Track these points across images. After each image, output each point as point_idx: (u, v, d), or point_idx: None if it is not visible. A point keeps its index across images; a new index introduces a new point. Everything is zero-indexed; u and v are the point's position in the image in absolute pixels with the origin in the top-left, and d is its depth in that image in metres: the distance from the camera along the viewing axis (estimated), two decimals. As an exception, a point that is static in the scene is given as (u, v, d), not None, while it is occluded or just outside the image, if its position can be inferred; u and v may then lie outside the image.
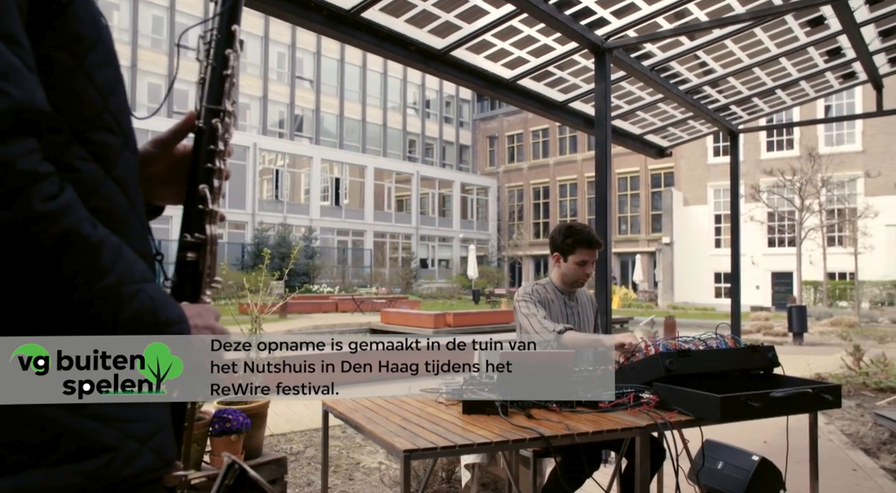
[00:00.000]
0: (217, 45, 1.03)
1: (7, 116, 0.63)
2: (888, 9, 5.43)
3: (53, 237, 0.66)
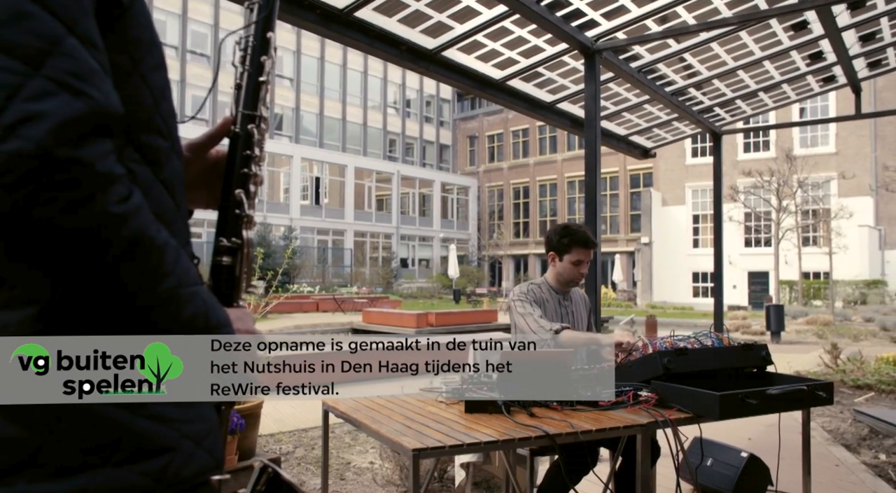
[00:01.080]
0: (253, 51, 1.03)
1: (88, 119, 0.64)
2: (868, 14, 5.55)
3: (125, 239, 0.66)
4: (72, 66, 0.64)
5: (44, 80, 0.62)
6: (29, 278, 0.66)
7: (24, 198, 0.60)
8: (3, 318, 0.68)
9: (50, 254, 0.63)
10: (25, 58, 0.62)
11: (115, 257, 0.66)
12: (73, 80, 0.64)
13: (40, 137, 0.60)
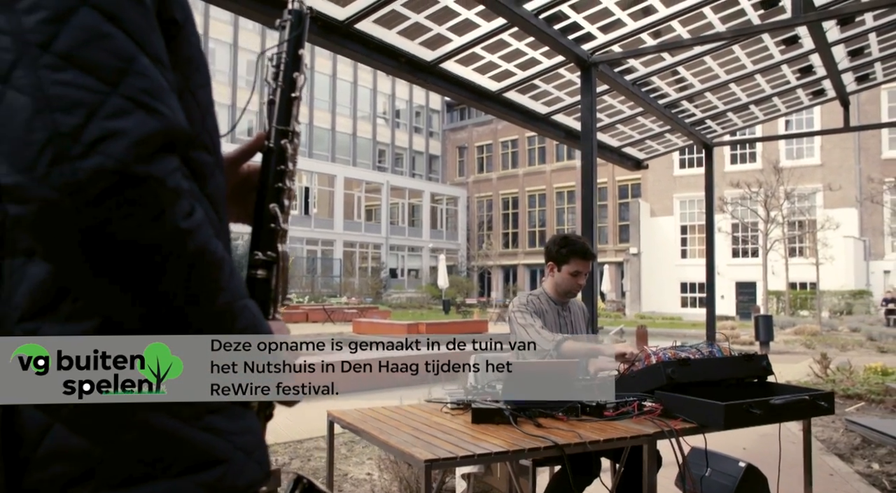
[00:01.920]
0: (286, 68, 1.05)
1: (160, 136, 0.65)
2: (857, 30, 5.66)
3: (191, 253, 0.68)
4: (145, 85, 0.66)
5: (121, 99, 0.64)
6: (94, 290, 0.67)
7: (103, 212, 0.62)
8: (66, 330, 0.70)
9: (118, 267, 0.65)
10: (104, 77, 0.64)
11: (180, 271, 0.68)
12: (147, 98, 0.65)
13: (119, 154, 0.62)
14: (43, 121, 0.61)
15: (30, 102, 0.61)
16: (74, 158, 0.61)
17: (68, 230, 0.62)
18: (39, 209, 0.61)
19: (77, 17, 0.63)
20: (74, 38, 0.63)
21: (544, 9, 4.33)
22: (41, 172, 0.61)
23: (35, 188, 0.61)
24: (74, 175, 0.61)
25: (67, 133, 0.61)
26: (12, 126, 0.62)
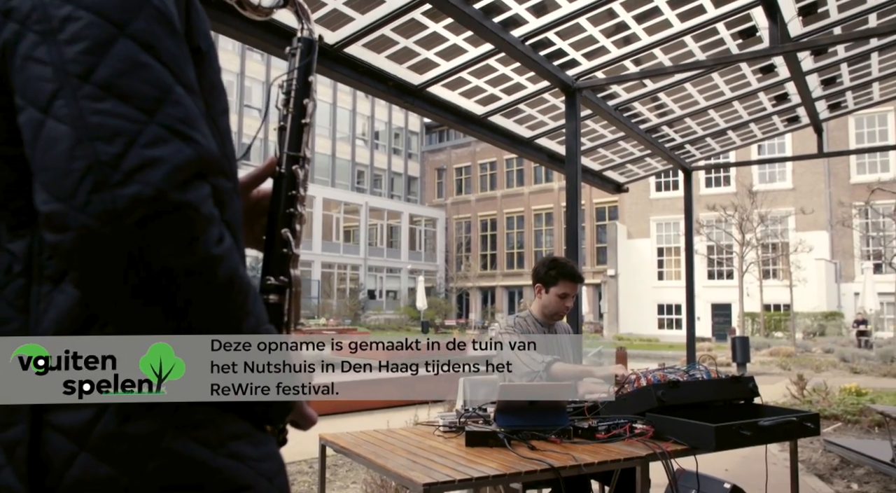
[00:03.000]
0: (296, 95, 1.07)
1: (195, 164, 0.67)
2: (830, 60, 5.85)
3: (221, 279, 0.68)
4: (181, 113, 0.67)
5: (158, 127, 0.65)
6: (125, 317, 0.67)
7: (140, 239, 0.63)
8: None
9: (151, 293, 0.65)
10: (142, 106, 0.65)
11: (211, 297, 0.68)
12: (182, 127, 0.67)
13: (158, 182, 0.63)
14: (83, 150, 0.62)
15: (70, 131, 0.62)
16: (114, 186, 0.62)
17: (106, 257, 0.63)
18: (79, 237, 0.62)
19: (116, 47, 0.65)
20: (113, 68, 0.64)
21: (531, 35, 4.42)
22: (81, 200, 0.61)
23: (75, 216, 0.62)
24: (114, 203, 0.61)
25: (107, 162, 0.62)
26: (52, 155, 0.63)
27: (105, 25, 0.65)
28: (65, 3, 0.64)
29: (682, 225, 31.52)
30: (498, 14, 4.12)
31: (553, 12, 4.26)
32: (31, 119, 0.64)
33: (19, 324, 0.70)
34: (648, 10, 4.41)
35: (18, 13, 0.65)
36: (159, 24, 0.68)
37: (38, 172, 0.64)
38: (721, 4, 4.47)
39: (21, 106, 0.65)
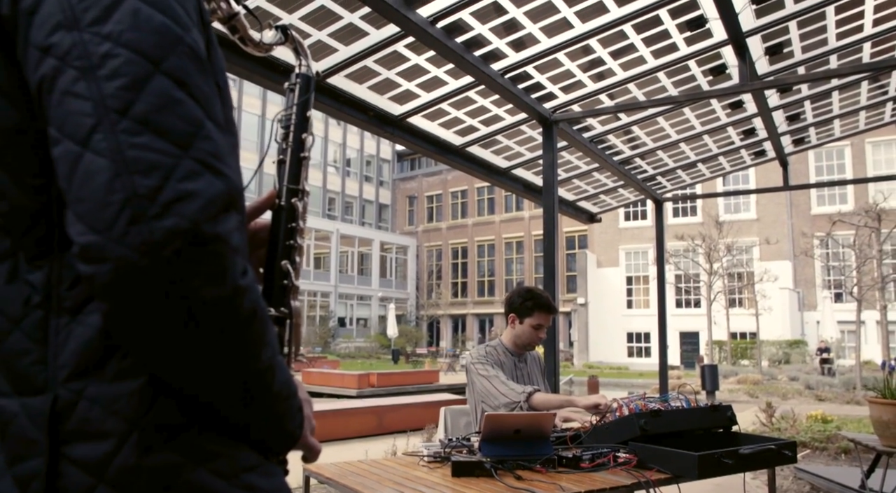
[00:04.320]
0: (295, 129, 1.09)
1: (226, 196, 0.68)
2: (794, 97, 6.09)
3: (247, 310, 0.69)
4: (212, 148, 0.69)
5: (192, 162, 0.66)
6: (151, 349, 0.68)
7: (175, 271, 0.64)
8: (115, 390, 0.70)
9: (179, 324, 0.66)
10: (176, 140, 0.66)
11: (236, 327, 0.69)
12: (214, 161, 0.69)
13: (192, 215, 0.64)
14: (122, 182, 0.63)
15: (109, 164, 0.63)
16: (151, 219, 0.63)
17: (142, 288, 0.63)
18: (116, 268, 0.63)
19: (152, 84, 0.66)
20: (150, 103, 0.66)
21: (510, 69, 4.52)
22: (119, 231, 0.62)
23: (113, 248, 0.62)
24: (151, 235, 0.63)
25: (145, 194, 0.63)
26: (90, 187, 0.64)
27: (142, 62, 0.66)
28: (104, 40, 0.66)
29: (650, 254, 32.10)
30: (478, 48, 4.21)
31: (532, 47, 4.36)
32: (67, 152, 0.65)
33: (38, 356, 0.70)
34: (624, 47, 4.55)
35: (59, 49, 0.66)
36: (191, 62, 0.70)
37: (74, 204, 0.65)
38: (693, 43, 4.63)
39: (57, 139, 0.66)
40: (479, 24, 3.98)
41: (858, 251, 20.41)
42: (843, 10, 4.65)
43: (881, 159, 28.97)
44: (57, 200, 0.71)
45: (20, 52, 0.69)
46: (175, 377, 0.70)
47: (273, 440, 0.81)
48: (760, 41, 4.79)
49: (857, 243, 20.31)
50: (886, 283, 19.80)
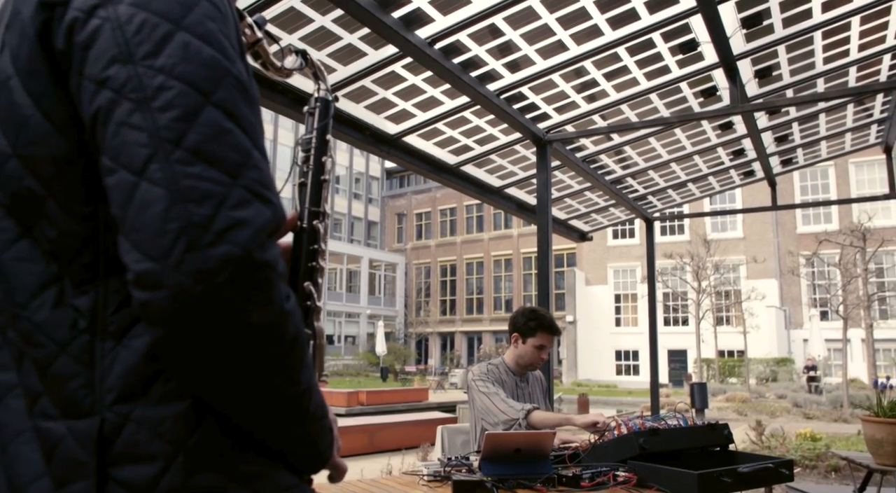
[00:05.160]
0: (316, 152, 1.12)
1: (273, 223, 0.70)
2: (782, 119, 6.20)
3: (291, 334, 0.71)
4: (259, 176, 0.71)
5: (242, 190, 0.68)
6: (199, 370, 0.69)
7: (227, 297, 0.65)
8: (160, 413, 0.71)
9: (229, 348, 0.67)
10: (227, 170, 0.68)
11: (281, 350, 0.71)
12: (262, 190, 0.71)
13: (244, 242, 0.66)
14: (178, 211, 0.65)
15: (165, 193, 0.65)
16: (205, 246, 0.65)
17: (196, 314, 0.65)
18: (172, 295, 0.64)
19: (203, 114, 0.68)
20: (202, 134, 0.68)
21: (505, 89, 4.58)
22: (175, 259, 0.64)
23: (169, 275, 0.64)
24: (206, 263, 0.64)
25: (199, 223, 0.65)
26: (147, 216, 0.65)
27: (194, 94, 0.68)
28: (157, 73, 0.68)
29: (638, 272, 32.26)
30: (475, 69, 4.27)
31: (527, 68, 4.43)
32: (123, 181, 0.67)
33: (85, 379, 0.71)
34: (617, 69, 4.62)
35: (115, 82, 0.68)
36: (238, 93, 0.73)
37: (130, 232, 0.66)
38: (685, 66, 4.71)
39: (111, 168, 0.68)
40: (475, 46, 4.03)
41: (844, 270, 20.62)
42: (829, 35, 4.76)
43: (864, 179, 29.39)
44: (104, 226, 0.73)
45: (73, 85, 0.71)
46: (220, 400, 0.72)
47: (306, 460, 0.82)
48: (750, 64, 4.89)
49: (842, 262, 20.53)
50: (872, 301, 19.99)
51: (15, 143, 0.75)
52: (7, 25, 0.78)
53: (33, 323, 0.74)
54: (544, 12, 3.83)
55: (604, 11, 3.91)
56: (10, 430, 0.73)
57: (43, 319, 0.73)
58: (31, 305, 0.74)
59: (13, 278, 0.75)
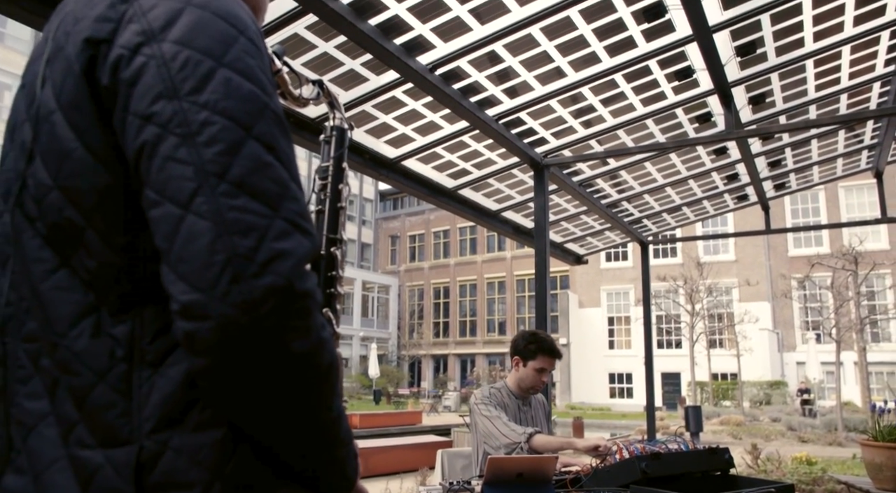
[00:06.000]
0: (333, 180, 1.14)
1: (312, 253, 0.72)
2: (775, 144, 6.29)
3: (327, 362, 0.73)
4: (298, 208, 0.73)
5: (283, 222, 0.70)
6: (236, 399, 0.70)
7: (272, 326, 0.67)
8: (197, 441, 0.72)
9: (268, 377, 0.69)
10: (268, 202, 0.70)
11: (317, 378, 0.72)
12: (301, 221, 0.73)
13: (287, 273, 0.68)
14: (223, 243, 0.66)
15: (211, 226, 0.67)
16: (250, 277, 0.66)
17: (242, 344, 0.66)
18: (219, 325, 0.65)
19: (245, 148, 0.70)
20: (244, 167, 0.70)
21: (504, 115, 4.64)
22: (222, 290, 0.66)
23: (216, 306, 0.65)
24: (251, 293, 0.66)
25: (244, 254, 0.67)
26: (193, 248, 0.67)
27: (236, 129, 0.71)
28: (201, 108, 0.70)
29: (631, 295, 32.28)
30: (474, 94, 4.33)
31: (526, 94, 4.49)
32: (169, 214, 0.68)
33: (123, 408, 0.72)
34: (614, 95, 4.70)
35: (160, 117, 0.70)
36: (276, 127, 0.75)
37: (176, 264, 0.67)
38: (681, 92, 4.79)
39: (157, 201, 0.69)
40: (475, 72, 4.10)
41: (836, 293, 20.73)
42: (821, 63, 4.86)
43: (853, 203, 29.68)
44: (142, 256, 0.75)
45: (117, 120, 0.73)
46: (258, 427, 0.73)
47: (335, 485, 0.83)
48: (744, 91, 4.98)
49: (834, 285, 20.65)
50: (864, 325, 20.08)
51: (56, 175, 0.76)
52: (47, 60, 0.80)
53: (72, 352, 0.74)
54: (543, 40, 3.90)
55: (602, 39, 3.99)
56: (44, 458, 0.74)
57: (82, 348, 0.74)
58: (69, 334, 0.75)
59: (52, 307, 0.76)
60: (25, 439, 0.76)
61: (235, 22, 0.76)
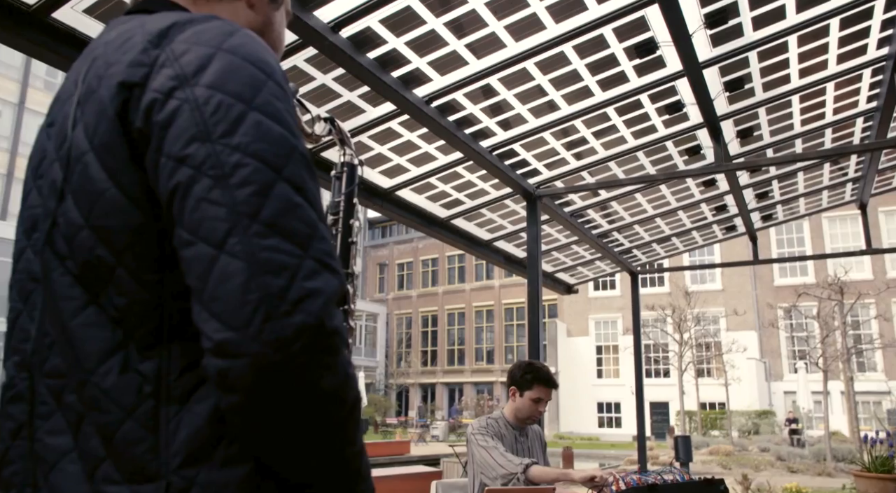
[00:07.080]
0: (344, 215, 1.16)
1: (339, 292, 0.74)
2: (763, 177, 6.40)
3: (352, 398, 0.74)
4: (326, 248, 0.75)
5: (312, 261, 0.72)
6: (265, 436, 0.71)
7: (303, 364, 0.68)
8: (224, 476, 0.72)
9: (297, 414, 0.70)
10: (299, 242, 0.72)
11: (344, 414, 0.73)
12: (328, 260, 0.74)
13: (317, 311, 0.70)
14: (257, 283, 0.68)
15: (245, 266, 0.68)
16: (282, 316, 0.68)
17: (274, 382, 0.68)
18: (252, 363, 0.67)
19: (276, 190, 0.72)
20: (276, 208, 0.72)
21: (498, 146, 4.70)
22: (255, 329, 0.67)
23: (249, 344, 0.67)
24: (283, 332, 0.67)
25: (276, 294, 0.68)
26: (227, 288, 0.68)
27: (267, 171, 0.73)
28: (234, 151, 0.72)
29: (619, 324, 32.32)
30: (469, 126, 4.39)
31: (519, 126, 4.56)
32: (202, 254, 0.70)
33: (150, 444, 0.73)
34: (606, 128, 4.78)
35: (194, 160, 0.72)
36: (304, 168, 0.77)
37: (210, 303, 0.69)
38: (671, 125, 4.89)
39: (189, 241, 0.71)
40: (470, 104, 4.16)
41: (823, 323, 20.88)
42: (807, 99, 4.98)
43: (837, 233, 30.07)
44: (170, 294, 0.76)
45: (150, 161, 0.75)
46: (285, 462, 0.73)
47: None
48: (733, 125, 5.08)
49: (820, 315, 20.80)
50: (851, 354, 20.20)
51: (88, 215, 0.77)
52: (79, 102, 0.82)
53: (100, 389, 0.75)
54: (538, 74, 3.98)
55: (595, 74, 4.08)
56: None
57: (110, 384, 0.75)
58: (98, 370, 0.76)
59: (80, 344, 0.77)
60: (47, 476, 0.76)
61: (264, 66, 0.79)
